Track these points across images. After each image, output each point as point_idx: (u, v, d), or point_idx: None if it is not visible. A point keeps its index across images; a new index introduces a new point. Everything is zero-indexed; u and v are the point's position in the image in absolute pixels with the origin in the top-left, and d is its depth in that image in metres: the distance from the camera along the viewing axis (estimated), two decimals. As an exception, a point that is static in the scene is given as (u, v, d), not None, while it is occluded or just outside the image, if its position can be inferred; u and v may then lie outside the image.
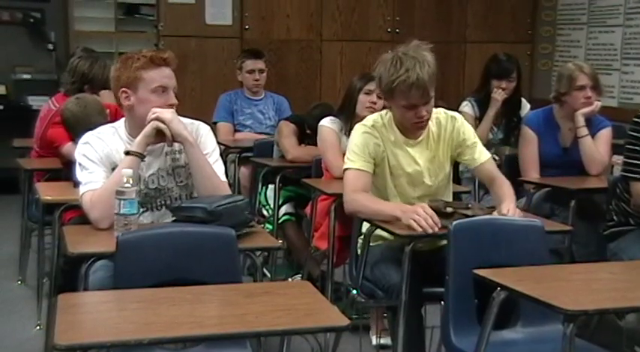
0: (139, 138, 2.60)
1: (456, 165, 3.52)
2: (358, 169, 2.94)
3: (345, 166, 3.00)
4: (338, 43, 6.98)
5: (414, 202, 2.91)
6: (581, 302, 2.06)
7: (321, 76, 6.96)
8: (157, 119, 2.58)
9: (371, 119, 3.05)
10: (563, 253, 3.44)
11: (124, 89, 2.63)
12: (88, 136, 2.71)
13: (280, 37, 6.80)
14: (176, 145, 2.67)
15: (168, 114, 2.60)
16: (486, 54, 4.81)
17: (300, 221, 4.25)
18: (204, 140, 2.75)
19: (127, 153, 2.58)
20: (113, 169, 2.61)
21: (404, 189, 3.00)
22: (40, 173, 3.85)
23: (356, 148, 2.97)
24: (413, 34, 7.52)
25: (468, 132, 3.03)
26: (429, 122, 2.98)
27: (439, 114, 3.04)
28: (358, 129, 3.03)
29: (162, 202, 2.71)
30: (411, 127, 2.94)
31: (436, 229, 2.67)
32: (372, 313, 3.55)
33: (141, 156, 2.58)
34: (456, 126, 3.01)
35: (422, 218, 2.68)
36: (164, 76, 2.65)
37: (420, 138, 2.99)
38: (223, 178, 2.73)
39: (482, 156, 3.03)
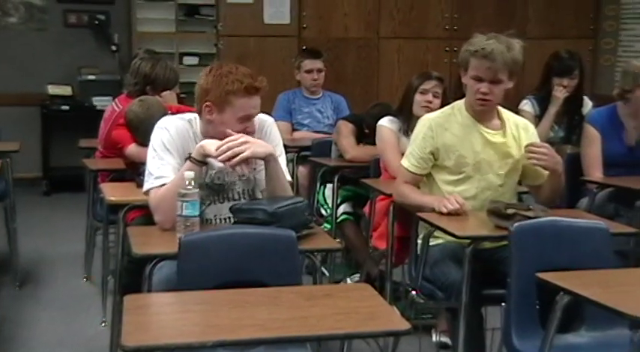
0: (205, 150, 2.55)
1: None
2: (407, 169, 3.11)
3: (402, 161, 3.14)
4: (396, 40, 6.95)
5: (479, 195, 2.98)
6: (649, 307, 2.01)
7: (378, 74, 6.95)
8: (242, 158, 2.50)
9: (439, 110, 3.16)
10: (628, 255, 3.36)
11: (209, 104, 2.59)
12: (167, 121, 2.68)
13: (338, 36, 6.81)
14: None
15: (250, 150, 2.51)
16: (547, 50, 4.72)
17: (359, 220, 4.25)
18: (271, 132, 2.75)
19: (189, 157, 2.58)
20: (186, 159, 2.60)
21: (470, 179, 3.01)
22: (105, 173, 3.93)
23: (413, 143, 3.10)
24: (471, 31, 7.47)
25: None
26: (509, 122, 3.04)
27: (517, 119, 3.12)
28: (421, 121, 3.13)
29: (225, 196, 2.71)
30: (474, 104, 3.01)
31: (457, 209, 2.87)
32: (440, 312, 3.53)
33: (202, 165, 2.57)
34: (530, 137, 3.07)
35: (450, 203, 2.87)
36: (253, 106, 2.62)
37: (497, 130, 3.02)
38: (287, 175, 2.73)
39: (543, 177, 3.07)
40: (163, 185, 2.57)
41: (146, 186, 2.63)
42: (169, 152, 2.62)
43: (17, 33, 6.92)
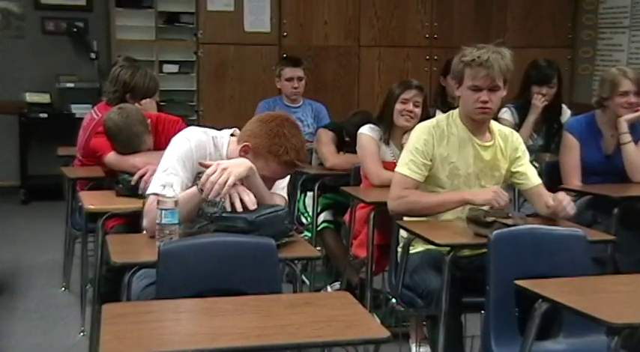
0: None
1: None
2: (408, 176, 3.01)
3: (397, 168, 3.06)
4: (376, 48, 6.98)
5: (465, 206, 2.95)
6: (626, 314, 2.04)
7: (359, 82, 6.97)
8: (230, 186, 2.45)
9: (435, 119, 3.12)
10: (606, 262, 3.39)
11: (247, 146, 2.56)
12: (192, 132, 2.65)
13: (318, 44, 6.83)
14: None
15: (233, 175, 2.45)
16: (526, 59, 4.76)
17: (339, 228, 4.25)
18: None
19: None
20: (198, 174, 2.58)
21: (459, 190, 3.01)
22: (84, 181, 3.90)
23: (413, 149, 3.02)
24: (451, 39, 7.56)
25: (525, 151, 3.11)
26: (496, 134, 3.04)
27: (501, 128, 3.11)
28: (419, 128, 3.08)
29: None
30: (474, 113, 2.97)
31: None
32: (412, 321, 3.54)
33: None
34: (515, 142, 3.08)
35: (501, 198, 2.85)
36: (283, 175, 2.67)
37: (488, 143, 3.03)
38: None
39: (536, 178, 3.08)
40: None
41: (150, 189, 2.61)
42: (183, 164, 2.59)
43: (-6, 40, 6.89)
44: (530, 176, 3.08)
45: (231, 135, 2.72)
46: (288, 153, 2.55)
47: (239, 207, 2.45)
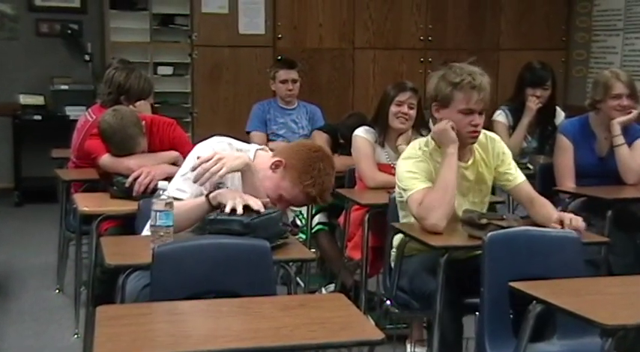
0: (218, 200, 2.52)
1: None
2: (418, 189, 2.87)
3: (407, 194, 2.91)
4: (370, 51, 7.00)
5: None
6: (620, 316, 2.04)
7: (353, 85, 6.99)
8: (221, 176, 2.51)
9: (415, 146, 3.01)
10: (599, 264, 3.40)
11: (281, 162, 2.59)
12: (217, 141, 2.67)
13: (313, 46, 6.85)
14: None
15: (226, 166, 2.49)
16: (520, 61, 4.78)
17: (334, 231, 4.25)
18: None
19: (207, 194, 2.54)
20: (219, 185, 2.58)
21: None
22: (78, 183, 3.90)
23: (410, 174, 2.91)
24: (446, 41, 7.56)
25: (507, 153, 3.06)
26: (475, 148, 2.98)
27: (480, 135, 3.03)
28: (406, 158, 2.97)
29: None
30: (465, 137, 2.88)
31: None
32: (412, 323, 3.54)
33: (214, 208, 2.52)
34: (496, 148, 3.03)
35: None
36: (300, 204, 2.76)
37: (470, 162, 2.98)
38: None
39: (519, 177, 3.03)
40: (178, 199, 2.55)
41: (171, 188, 2.62)
42: None
43: (-12, 42, 6.87)
44: (514, 175, 3.02)
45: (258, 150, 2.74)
46: (314, 187, 2.57)
47: (240, 211, 2.44)
